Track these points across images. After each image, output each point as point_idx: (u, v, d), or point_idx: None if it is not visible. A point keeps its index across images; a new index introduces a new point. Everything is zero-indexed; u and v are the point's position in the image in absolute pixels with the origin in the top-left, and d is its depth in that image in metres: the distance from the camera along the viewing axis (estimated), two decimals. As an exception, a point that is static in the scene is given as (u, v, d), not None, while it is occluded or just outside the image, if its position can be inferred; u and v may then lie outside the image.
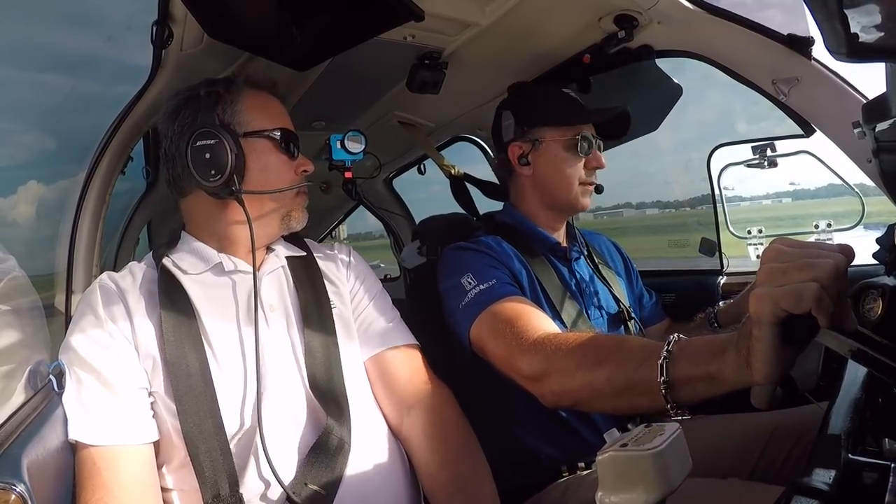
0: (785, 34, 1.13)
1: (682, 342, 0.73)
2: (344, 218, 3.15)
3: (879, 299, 0.77)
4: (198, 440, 0.81)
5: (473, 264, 1.11)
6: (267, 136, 0.97)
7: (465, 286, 1.07)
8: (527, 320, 0.98)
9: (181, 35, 1.07)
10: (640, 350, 0.79)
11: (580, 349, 0.87)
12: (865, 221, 1.42)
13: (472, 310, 1.04)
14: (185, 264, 0.96)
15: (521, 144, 1.25)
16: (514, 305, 1.02)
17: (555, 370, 0.87)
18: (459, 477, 0.88)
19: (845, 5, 0.47)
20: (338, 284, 1.06)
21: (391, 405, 1.00)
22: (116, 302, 0.89)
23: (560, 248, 1.27)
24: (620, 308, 1.27)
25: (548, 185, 1.25)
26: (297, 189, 1.01)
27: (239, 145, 0.93)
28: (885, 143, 0.84)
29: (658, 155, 23.84)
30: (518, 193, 1.31)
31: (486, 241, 1.18)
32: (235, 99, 0.97)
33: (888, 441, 0.51)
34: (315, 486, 0.82)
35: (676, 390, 0.71)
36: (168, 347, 0.85)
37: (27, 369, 0.85)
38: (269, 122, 0.98)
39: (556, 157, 1.23)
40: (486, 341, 1.01)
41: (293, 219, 1.02)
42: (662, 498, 0.45)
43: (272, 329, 0.94)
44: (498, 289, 1.05)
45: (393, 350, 1.03)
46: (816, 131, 1.21)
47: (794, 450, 1.01)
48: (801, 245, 0.57)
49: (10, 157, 2.21)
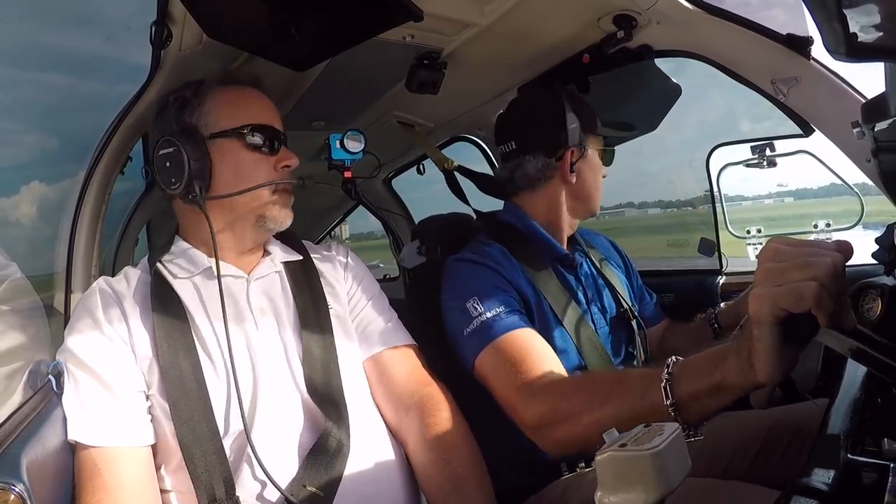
0: (784, 34, 1.13)
1: (680, 362, 0.73)
2: (343, 218, 3.15)
3: (879, 299, 0.77)
4: (192, 444, 0.82)
5: (480, 286, 1.07)
6: (235, 134, 0.94)
7: (471, 312, 1.04)
8: (531, 362, 0.96)
9: (180, 35, 1.07)
10: (641, 379, 0.78)
11: (583, 391, 0.86)
12: (864, 221, 1.42)
13: (476, 341, 1.02)
14: (177, 269, 0.96)
15: (575, 151, 1.22)
16: (518, 342, 0.99)
17: (559, 418, 0.86)
18: (455, 477, 0.87)
19: (844, 5, 0.47)
20: (335, 286, 1.06)
21: (389, 406, 1.00)
22: (113, 306, 0.89)
23: (567, 259, 1.25)
24: (623, 309, 1.27)
25: (586, 194, 1.24)
26: (274, 186, 0.96)
27: (204, 149, 0.93)
28: (883, 143, 0.84)
29: (662, 154, 23.86)
30: (546, 199, 1.25)
31: (493, 254, 1.15)
32: (203, 100, 0.96)
33: (887, 441, 0.51)
34: (313, 489, 0.82)
35: (685, 410, 0.70)
36: (161, 352, 0.85)
37: (27, 369, 0.85)
38: (239, 118, 0.95)
39: (595, 165, 1.24)
40: (489, 380, 1.00)
41: (269, 220, 0.97)
42: (662, 498, 0.45)
43: (262, 333, 0.94)
44: (504, 319, 1.02)
45: (391, 350, 1.03)
46: (815, 131, 1.21)
47: (791, 446, 1.01)
48: (799, 244, 0.57)
49: (12, 157, 2.21)
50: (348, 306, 1.06)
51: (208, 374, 0.87)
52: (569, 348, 1.12)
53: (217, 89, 0.98)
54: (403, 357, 1.03)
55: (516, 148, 1.24)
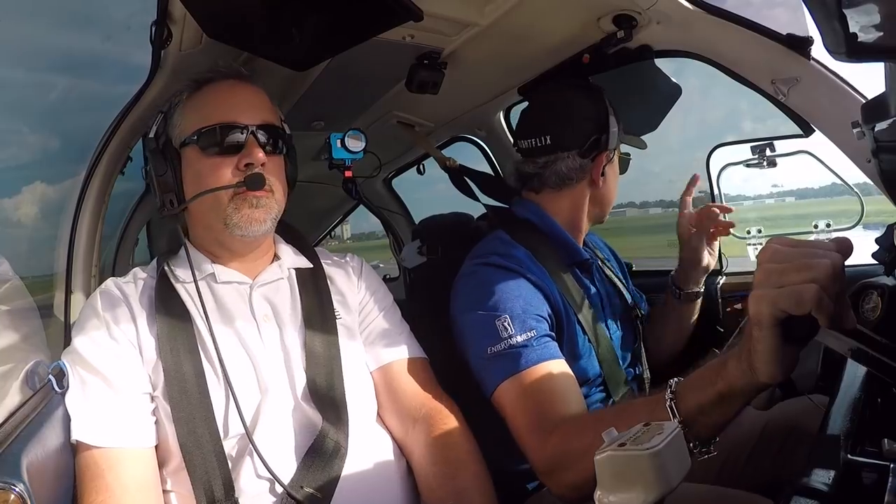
0: (784, 34, 1.13)
1: (681, 380, 0.73)
2: (343, 218, 3.15)
3: (879, 299, 0.77)
4: (192, 446, 0.82)
5: (512, 301, 1.01)
6: (194, 139, 0.91)
7: (500, 331, 0.98)
8: (553, 401, 0.93)
9: (180, 35, 1.07)
10: (645, 405, 0.78)
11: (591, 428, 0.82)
12: (865, 221, 1.42)
13: (502, 367, 0.97)
14: (182, 273, 0.96)
15: (609, 155, 1.19)
16: (544, 376, 0.95)
17: (570, 462, 0.83)
18: (459, 491, 0.87)
19: (844, 5, 0.47)
20: (346, 295, 1.05)
21: (397, 418, 1.00)
22: (121, 307, 0.89)
23: (587, 263, 1.22)
24: (631, 309, 1.27)
25: (607, 200, 1.24)
26: (233, 191, 0.90)
27: (173, 161, 0.94)
28: (884, 143, 0.84)
29: (666, 154, 23.91)
30: (571, 200, 1.21)
31: (522, 258, 1.09)
32: (175, 110, 0.97)
33: (887, 441, 0.51)
34: (311, 489, 0.82)
35: (694, 426, 0.70)
36: (164, 355, 0.86)
37: (26, 370, 0.85)
38: (200, 121, 0.92)
39: (616, 171, 1.24)
40: (506, 410, 0.96)
41: (234, 226, 0.91)
42: (661, 497, 0.45)
43: (264, 338, 0.94)
44: (535, 349, 0.97)
45: (401, 362, 1.03)
46: (815, 131, 1.21)
47: (786, 442, 1.02)
48: (798, 244, 0.56)
49: (14, 157, 2.22)
50: (359, 317, 1.05)
51: (210, 377, 0.87)
52: (589, 354, 1.10)
53: (189, 95, 0.96)
54: (413, 370, 1.03)
55: (551, 143, 1.17)
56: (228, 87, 0.97)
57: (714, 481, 1.06)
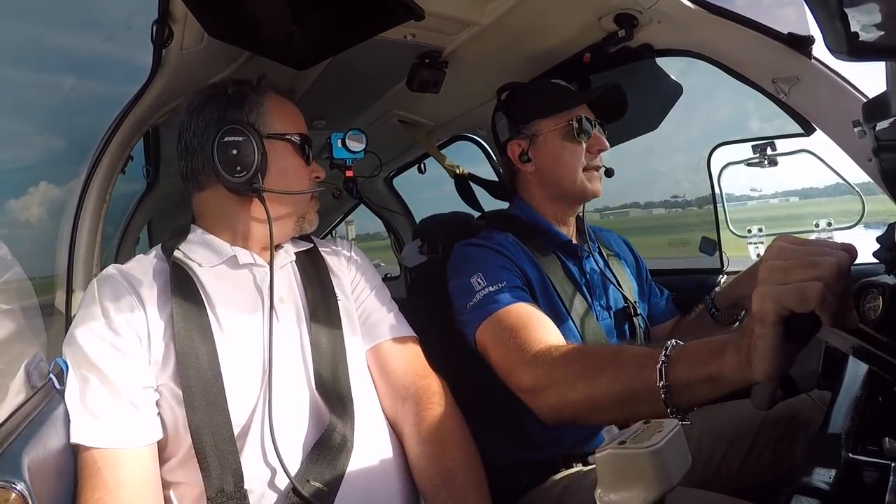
0: (785, 33, 1.13)
1: (679, 346, 0.73)
2: (343, 217, 3.16)
3: (880, 298, 0.77)
4: (205, 434, 0.81)
5: (484, 263, 1.10)
6: (288, 139, 1.00)
7: (475, 286, 1.07)
8: (531, 331, 0.97)
9: (181, 34, 1.07)
10: (638, 357, 0.78)
11: (580, 360, 0.87)
12: (866, 220, 1.42)
13: (479, 312, 1.04)
14: (198, 256, 0.96)
15: (518, 142, 1.24)
16: (519, 313, 1.01)
17: (555, 382, 0.87)
18: (445, 471, 0.87)
19: (845, 4, 0.47)
20: (341, 277, 1.08)
21: (387, 396, 1.01)
22: (125, 294, 0.87)
23: (571, 246, 1.25)
24: (627, 304, 1.27)
25: (552, 178, 1.23)
26: (313, 193, 1.05)
27: (263, 145, 0.96)
28: (885, 142, 0.84)
29: (670, 153, 23.86)
30: (526, 191, 1.29)
31: (498, 238, 1.17)
32: (261, 100, 1.00)
33: (888, 440, 0.51)
34: (318, 483, 0.82)
35: (676, 395, 0.71)
36: (178, 338, 0.85)
37: (27, 369, 0.85)
38: (290, 126, 1.02)
39: (555, 147, 1.21)
40: (489, 349, 1.02)
41: (307, 221, 1.06)
42: (661, 495, 0.45)
43: (282, 323, 0.95)
44: (506, 292, 1.04)
45: (391, 341, 1.04)
46: (817, 130, 1.21)
47: (783, 437, 1.02)
48: (804, 242, 0.56)
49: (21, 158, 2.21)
50: (352, 297, 1.07)
51: (224, 362, 0.86)
52: (571, 334, 1.12)
53: (270, 93, 1.02)
54: (403, 348, 1.04)
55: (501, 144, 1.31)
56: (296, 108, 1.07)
57: (712, 476, 1.07)
